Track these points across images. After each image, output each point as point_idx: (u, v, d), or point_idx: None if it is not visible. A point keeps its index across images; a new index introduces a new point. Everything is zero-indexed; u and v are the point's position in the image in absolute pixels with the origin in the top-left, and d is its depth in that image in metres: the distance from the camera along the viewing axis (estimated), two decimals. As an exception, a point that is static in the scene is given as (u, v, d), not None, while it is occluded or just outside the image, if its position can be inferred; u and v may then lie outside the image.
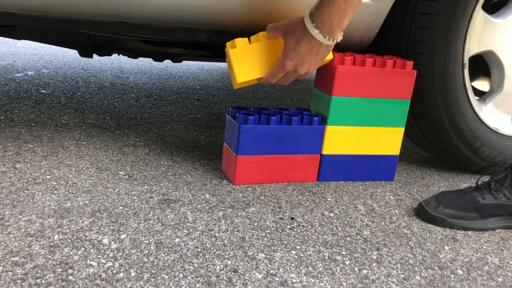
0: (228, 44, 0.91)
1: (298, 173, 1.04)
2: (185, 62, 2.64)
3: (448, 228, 0.91)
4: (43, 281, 0.62)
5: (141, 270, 0.67)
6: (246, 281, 0.67)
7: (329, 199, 0.98)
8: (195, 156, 1.14)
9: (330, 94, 1.00)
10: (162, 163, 1.07)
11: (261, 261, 0.73)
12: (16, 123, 1.25)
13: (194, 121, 1.46)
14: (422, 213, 0.92)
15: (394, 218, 0.93)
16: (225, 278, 0.67)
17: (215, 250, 0.74)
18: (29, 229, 0.74)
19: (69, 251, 0.70)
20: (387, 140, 1.08)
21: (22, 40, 2.64)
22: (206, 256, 0.72)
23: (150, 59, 2.64)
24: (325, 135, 1.03)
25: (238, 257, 0.73)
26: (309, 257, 0.75)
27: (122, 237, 0.75)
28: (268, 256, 0.74)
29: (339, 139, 1.04)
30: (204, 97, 1.83)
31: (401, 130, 1.08)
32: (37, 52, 2.53)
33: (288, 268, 0.71)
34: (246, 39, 0.91)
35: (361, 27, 1.02)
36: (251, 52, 0.91)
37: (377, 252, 0.79)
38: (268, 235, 0.81)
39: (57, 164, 1.00)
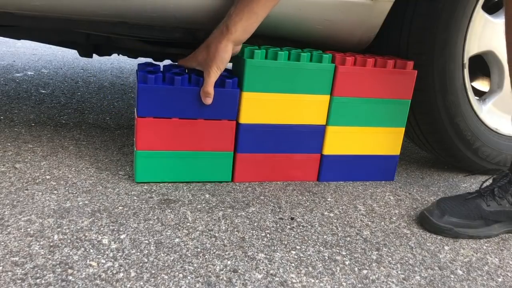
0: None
1: (298, 172, 1.04)
2: (185, 62, 2.64)
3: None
4: (43, 281, 0.62)
5: (141, 270, 0.67)
6: (246, 281, 0.67)
7: (329, 199, 0.98)
8: (195, 156, 1.14)
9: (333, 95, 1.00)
10: (162, 163, 1.07)
11: (261, 261, 0.73)
12: (16, 123, 1.25)
13: (194, 121, 1.46)
14: (426, 223, 0.89)
15: (394, 218, 0.93)
16: (225, 278, 0.67)
17: (215, 250, 0.74)
18: (28, 229, 0.74)
19: (69, 251, 0.70)
20: (387, 140, 1.08)
21: (22, 40, 2.64)
22: (206, 256, 0.72)
23: (150, 59, 2.64)
24: (325, 135, 1.03)
25: (238, 257, 0.73)
26: (309, 257, 0.75)
27: (122, 237, 0.75)
28: (268, 256, 0.74)
29: (340, 139, 1.04)
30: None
31: (401, 130, 1.08)
32: (37, 52, 2.53)
33: (288, 268, 0.71)
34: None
35: (361, 27, 1.02)
36: (262, 101, 0.96)
37: (377, 252, 0.79)
38: (268, 235, 0.81)
39: (57, 164, 1.00)
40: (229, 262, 0.71)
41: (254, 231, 0.81)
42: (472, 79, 1.34)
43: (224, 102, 0.93)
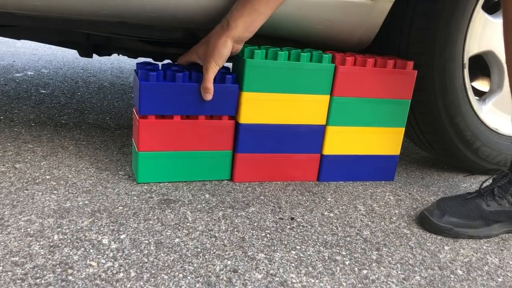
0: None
1: (298, 172, 1.04)
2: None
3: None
4: (43, 281, 0.62)
5: (141, 270, 0.67)
6: (246, 281, 0.67)
7: (329, 199, 0.98)
8: (195, 156, 1.14)
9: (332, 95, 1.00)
10: (162, 163, 1.07)
11: (261, 261, 0.73)
12: (16, 123, 1.25)
13: (194, 121, 1.46)
14: (427, 223, 0.89)
15: (394, 218, 0.93)
16: (225, 278, 0.67)
17: (215, 250, 0.74)
18: (28, 229, 0.74)
19: (69, 251, 0.70)
20: (387, 140, 1.08)
21: (21, 40, 2.64)
22: (206, 256, 0.72)
23: (150, 59, 2.64)
24: (326, 135, 1.03)
25: (238, 257, 0.73)
26: (309, 257, 0.75)
27: (122, 237, 0.75)
28: (268, 256, 0.74)
29: (340, 139, 1.04)
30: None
31: (402, 130, 1.08)
32: (37, 52, 2.53)
33: (288, 268, 0.71)
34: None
35: (361, 27, 1.02)
36: (262, 101, 0.96)
37: (377, 252, 0.79)
38: (268, 235, 0.81)
39: (57, 164, 1.00)
40: (229, 262, 0.71)
41: (254, 231, 0.81)
42: (472, 79, 1.34)
43: (224, 97, 0.93)
